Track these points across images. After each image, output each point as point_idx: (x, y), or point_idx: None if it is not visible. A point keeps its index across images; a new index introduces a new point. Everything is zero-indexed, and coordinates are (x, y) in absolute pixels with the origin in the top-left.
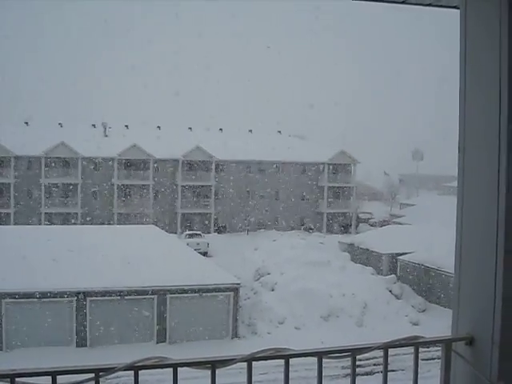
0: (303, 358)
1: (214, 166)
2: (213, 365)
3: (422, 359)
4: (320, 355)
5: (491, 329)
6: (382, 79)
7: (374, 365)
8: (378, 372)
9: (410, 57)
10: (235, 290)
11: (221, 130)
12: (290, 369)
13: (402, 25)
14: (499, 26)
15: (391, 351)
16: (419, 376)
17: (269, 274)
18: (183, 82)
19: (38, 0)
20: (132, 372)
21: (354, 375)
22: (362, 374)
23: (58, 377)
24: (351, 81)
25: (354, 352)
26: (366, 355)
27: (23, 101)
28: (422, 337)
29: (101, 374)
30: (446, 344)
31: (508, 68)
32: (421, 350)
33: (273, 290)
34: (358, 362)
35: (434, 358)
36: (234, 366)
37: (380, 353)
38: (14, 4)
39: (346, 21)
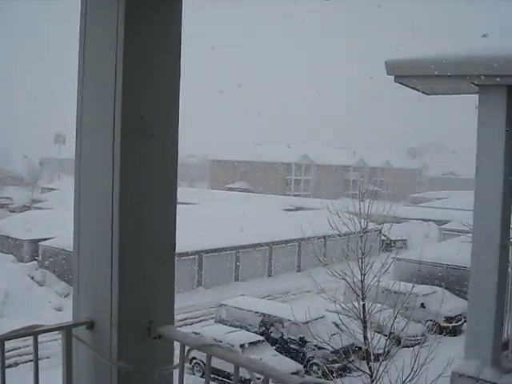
0: None
1: None
2: None
3: None
4: None
5: (109, 311)
6: None
7: (19, 355)
8: (23, 362)
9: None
10: None
11: None
12: None
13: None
14: (117, 15)
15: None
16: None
17: None
18: None
19: None
20: None
21: None
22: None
23: None
24: None
25: None
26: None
27: None
28: (42, 325)
29: None
30: (66, 330)
31: (123, 58)
32: None
33: None
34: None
35: None
36: None
37: (24, 342)
38: None
39: None
